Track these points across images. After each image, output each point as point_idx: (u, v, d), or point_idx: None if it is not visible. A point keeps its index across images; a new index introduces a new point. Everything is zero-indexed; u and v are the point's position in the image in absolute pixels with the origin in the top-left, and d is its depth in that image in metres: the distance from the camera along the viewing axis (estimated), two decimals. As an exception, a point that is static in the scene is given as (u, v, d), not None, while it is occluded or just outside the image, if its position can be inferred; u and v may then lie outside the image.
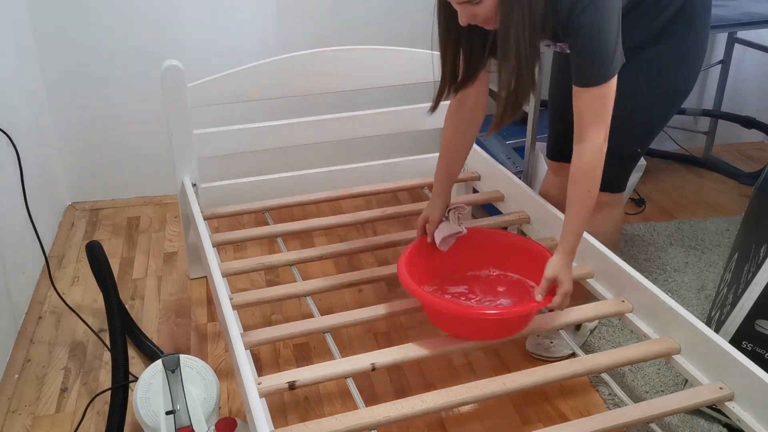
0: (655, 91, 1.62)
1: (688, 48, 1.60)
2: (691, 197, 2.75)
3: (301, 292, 1.70)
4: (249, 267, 1.81)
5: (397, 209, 2.07)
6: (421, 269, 1.56)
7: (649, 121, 1.67)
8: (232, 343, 1.41)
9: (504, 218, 1.99)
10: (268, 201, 2.12)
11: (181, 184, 2.06)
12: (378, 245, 1.90)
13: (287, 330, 1.56)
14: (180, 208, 2.13)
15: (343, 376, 1.42)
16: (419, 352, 1.45)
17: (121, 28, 2.47)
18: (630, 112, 1.58)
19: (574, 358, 1.47)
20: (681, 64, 1.60)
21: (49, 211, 2.48)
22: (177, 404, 1.43)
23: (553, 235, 1.87)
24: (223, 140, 2.09)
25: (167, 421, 1.41)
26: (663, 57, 1.59)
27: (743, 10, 2.36)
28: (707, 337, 1.39)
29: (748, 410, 1.31)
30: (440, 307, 1.46)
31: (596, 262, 1.70)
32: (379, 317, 1.60)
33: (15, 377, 1.82)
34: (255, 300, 1.67)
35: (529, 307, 1.45)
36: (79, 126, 2.59)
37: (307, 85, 2.11)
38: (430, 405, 1.32)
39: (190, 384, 1.47)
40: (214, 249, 1.77)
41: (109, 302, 1.65)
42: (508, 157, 2.35)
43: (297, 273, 1.79)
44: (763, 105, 3.11)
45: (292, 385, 1.36)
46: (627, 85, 1.46)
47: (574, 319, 1.59)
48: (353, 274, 1.74)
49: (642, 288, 1.55)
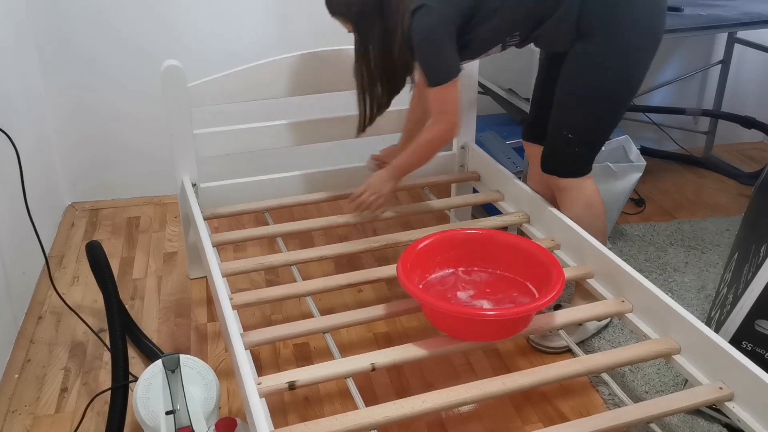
0: (578, 87, 1.74)
1: (601, 48, 1.68)
2: (691, 197, 2.75)
3: (301, 292, 1.70)
4: (249, 267, 1.81)
5: (398, 209, 2.07)
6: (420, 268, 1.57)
7: (574, 110, 1.76)
8: (232, 343, 1.41)
9: (504, 218, 1.99)
10: (268, 201, 2.12)
11: (181, 184, 2.06)
12: (378, 245, 1.90)
13: (287, 330, 1.56)
14: (180, 208, 2.13)
15: (343, 376, 1.42)
16: (419, 352, 1.45)
17: (122, 28, 2.48)
18: (558, 104, 1.78)
19: (574, 358, 1.47)
20: (599, 63, 1.69)
21: (49, 211, 2.48)
22: (177, 404, 1.43)
23: (552, 235, 1.87)
24: (223, 140, 2.09)
25: (167, 421, 1.41)
26: (583, 55, 1.70)
27: (743, 10, 2.36)
28: (707, 337, 1.39)
29: (747, 410, 1.31)
30: (439, 308, 1.46)
31: (596, 262, 1.71)
32: (378, 317, 1.61)
33: (15, 377, 1.82)
34: (255, 300, 1.67)
35: (528, 307, 1.45)
36: (79, 126, 2.59)
37: (307, 85, 2.11)
38: (430, 405, 1.32)
39: (190, 384, 1.47)
40: (214, 249, 1.77)
41: (109, 302, 1.65)
42: (508, 157, 2.36)
43: (297, 273, 1.79)
44: (763, 105, 3.11)
45: (292, 385, 1.36)
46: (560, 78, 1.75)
47: (575, 319, 1.60)
48: (353, 275, 1.74)
49: (642, 288, 1.55)
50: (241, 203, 2.11)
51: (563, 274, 1.49)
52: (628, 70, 1.71)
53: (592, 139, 1.81)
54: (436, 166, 2.30)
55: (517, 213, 2.01)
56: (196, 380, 1.48)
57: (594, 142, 1.82)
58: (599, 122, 1.78)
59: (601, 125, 1.79)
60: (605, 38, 1.67)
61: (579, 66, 1.72)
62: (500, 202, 2.12)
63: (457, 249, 1.65)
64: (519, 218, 1.98)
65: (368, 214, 1.95)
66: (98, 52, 2.49)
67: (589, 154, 1.83)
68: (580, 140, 1.79)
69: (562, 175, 1.83)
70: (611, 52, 1.68)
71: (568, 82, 1.75)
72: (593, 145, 1.83)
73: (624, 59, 1.69)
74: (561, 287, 1.46)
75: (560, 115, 1.80)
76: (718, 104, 2.99)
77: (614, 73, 1.70)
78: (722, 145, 3.14)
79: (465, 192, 2.36)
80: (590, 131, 1.79)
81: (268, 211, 2.11)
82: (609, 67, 1.69)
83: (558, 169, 1.84)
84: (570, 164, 1.83)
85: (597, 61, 1.69)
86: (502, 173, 2.11)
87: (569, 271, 1.72)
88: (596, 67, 1.70)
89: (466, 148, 2.31)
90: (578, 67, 1.72)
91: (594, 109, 1.75)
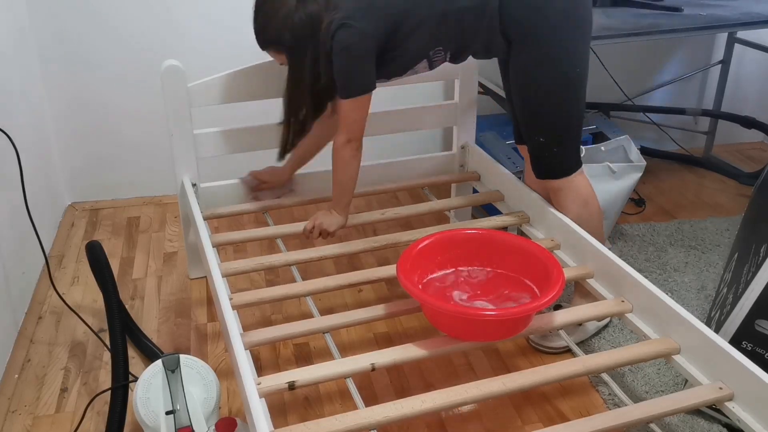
0: (529, 97, 1.78)
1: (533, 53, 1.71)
2: (691, 197, 2.75)
3: (301, 292, 1.70)
4: (249, 267, 1.81)
5: (397, 211, 2.07)
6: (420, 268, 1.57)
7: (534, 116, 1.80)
8: (231, 343, 1.41)
9: (504, 218, 1.99)
10: (267, 201, 2.12)
11: (181, 184, 2.05)
12: (378, 245, 1.90)
13: (287, 330, 1.56)
14: (180, 208, 2.13)
15: (343, 376, 1.42)
16: (419, 353, 1.45)
17: (122, 28, 2.48)
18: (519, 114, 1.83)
19: (574, 358, 1.47)
20: (536, 69, 1.73)
21: (49, 211, 2.48)
22: (177, 404, 1.43)
23: (552, 235, 1.87)
24: (223, 140, 2.09)
25: (167, 421, 1.41)
26: (519, 65, 1.75)
27: (743, 10, 2.36)
28: (707, 337, 1.39)
29: (747, 410, 1.31)
30: (439, 308, 1.46)
31: (596, 262, 1.71)
32: (378, 317, 1.60)
33: (15, 377, 1.82)
34: (255, 300, 1.67)
35: (528, 307, 1.45)
36: (79, 126, 2.59)
37: None
38: (429, 405, 1.32)
39: (190, 384, 1.47)
40: (214, 249, 1.77)
41: (109, 302, 1.65)
42: (508, 157, 2.35)
43: (297, 273, 1.79)
44: (763, 105, 3.11)
45: (291, 386, 1.36)
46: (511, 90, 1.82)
47: (574, 319, 1.60)
48: (353, 275, 1.74)
49: (642, 288, 1.55)
50: (241, 203, 2.11)
51: (563, 274, 1.49)
52: (568, 67, 1.72)
53: (564, 135, 1.81)
54: (436, 166, 2.31)
55: (517, 213, 2.01)
56: (196, 380, 1.48)
57: (567, 137, 1.82)
58: (562, 119, 1.79)
59: (566, 120, 1.80)
60: (533, 46, 1.70)
61: (521, 77, 1.76)
62: (500, 202, 2.12)
63: (458, 249, 1.65)
64: (519, 218, 1.98)
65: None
66: (99, 51, 2.49)
67: (569, 150, 1.83)
68: (553, 141, 1.80)
69: (551, 177, 1.84)
70: (544, 59, 1.71)
71: (518, 93, 1.80)
72: (569, 141, 1.83)
73: (559, 61, 1.71)
74: (561, 287, 1.46)
75: (525, 123, 1.83)
76: (718, 104, 2.99)
77: (556, 75, 1.72)
78: (722, 145, 3.14)
79: (465, 192, 2.36)
80: (558, 130, 1.80)
81: (268, 211, 2.11)
82: (547, 73, 1.72)
83: (546, 172, 1.85)
84: (555, 165, 1.83)
85: (535, 71, 1.73)
86: (502, 173, 2.11)
87: (569, 271, 1.72)
88: (537, 75, 1.73)
89: (465, 148, 2.31)
90: (521, 78, 1.76)
91: (552, 110, 1.77)
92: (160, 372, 1.47)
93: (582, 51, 1.75)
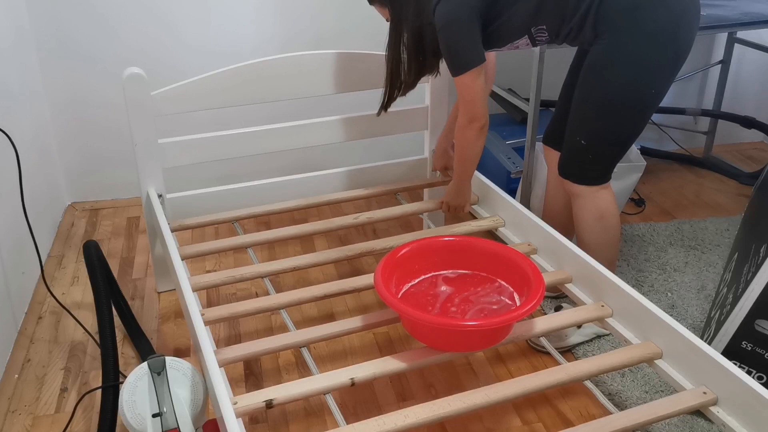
0: (591, 94, 1.71)
1: (614, 53, 1.64)
2: (691, 197, 2.75)
3: (274, 305, 1.64)
4: (219, 280, 1.74)
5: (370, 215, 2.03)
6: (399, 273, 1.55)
7: (587, 117, 1.73)
8: (205, 362, 1.37)
9: (479, 223, 1.96)
10: (237, 211, 2.05)
11: (146, 196, 1.99)
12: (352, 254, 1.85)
13: (261, 346, 1.50)
14: (146, 220, 2.06)
15: (322, 392, 1.37)
16: (398, 365, 1.40)
17: (122, 28, 2.48)
18: (573, 109, 1.76)
19: (557, 366, 1.43)
20: (610, 68, 1.65)
21: (49, 210, 2.48)
22: (164, 407, 1.40)
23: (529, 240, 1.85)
24: (189, 149, 2.01)
25: (154, 424, 1.38)
26: (595, 60, 1.68)
27: (743, 10, 2.36)
28: (689, 341, 1.36)
29: (732, 414, 1.28)
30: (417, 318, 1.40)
31: (574, 266, 1.67)
32: (355, 329, 1.55)
33: (15, 377, 1.82)
34: (227, 315, 1.61)
35: (507, 317, 1.39)
36: (79, 126, 2.59)
37: (276, 90, 2.02)
38: (412, 420, 1.27)
39: (177, 386, 1.44)
40: (182, 262, 1.72)
41: (99, 302, 1.64)
42: (508, 157, 2.35)
43: (270, 285, 1.74)
44: (763, 105, 3.11)
45: (269, 404, 1.32)
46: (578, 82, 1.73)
47: (555, 326, 1.56)
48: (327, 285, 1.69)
49: (621, 292, 1.52)
50: (210, 213, 2.03)
51: (543, 282, 1.46)
52: (641, 79, 1.64)
53: (607, 148, 1.75)
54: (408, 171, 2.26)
55: (492, 217, 1.98)
56: (182, 382, 1.45)
57: (609, 152, 1.76)
58: (613, 132, 1.72)
59: (615, 135, 1.73)
60: (618, 41, 1.62)
61: (592, 71, 1.68)
62: (475, 206, 2.08)
63: (436, 256, 1.61)
64: (494, 222, 1.96)
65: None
66: (99, 52, 2.49)
67: (605, 164, 1.78)
68: (594, 148, 1.74)
69: (576, 181, 1.80)
70: (622, 57, 1.63)
71: (582, 87, 1.72)
72: (608, 155, 1.77)
73: (636, 67, 1.63)
74: (541, 295, 1.42)
75: (575, 120, 1.76)
76: (718, 104, 2.99)
77: (625, 81, 1.65)
78: (722, 145, 3.14)
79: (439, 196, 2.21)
80: (604, 140, 1.74)
81: (238, 221, 2.03)
82: (619, 73, 1.64)
83: (572, 174, 1.80)
84: (584, 171, 1.78)
85: (608, 67, 1.65)
86: (475, 177, 2.04)
87: (547, 276, 1.66)
88: (608, 73, 1.66)
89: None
90: (592, 72, 1.68)
91: (607, 118, 1.70)
92: (145, 375, 1.43)
93: (666, 73, 1.66)
